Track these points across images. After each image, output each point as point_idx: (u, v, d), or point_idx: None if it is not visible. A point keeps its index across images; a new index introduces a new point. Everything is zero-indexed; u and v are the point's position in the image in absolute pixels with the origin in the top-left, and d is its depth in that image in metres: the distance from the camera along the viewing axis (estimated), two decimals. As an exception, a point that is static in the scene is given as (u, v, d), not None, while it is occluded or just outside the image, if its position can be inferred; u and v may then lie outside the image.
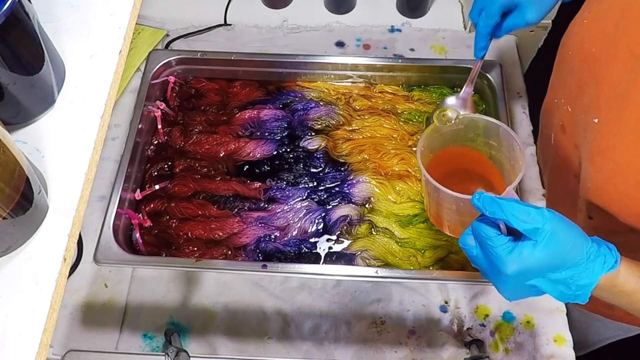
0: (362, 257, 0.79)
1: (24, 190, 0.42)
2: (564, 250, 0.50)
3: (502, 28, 0.75)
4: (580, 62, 0.69)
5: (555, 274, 0.51)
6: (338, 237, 0.81)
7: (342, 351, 0.81)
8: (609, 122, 0.62)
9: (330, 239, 0.81)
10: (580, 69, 0.69)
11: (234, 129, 0.90)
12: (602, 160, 0.63)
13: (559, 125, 0.77)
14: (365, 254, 0.79)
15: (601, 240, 0.52)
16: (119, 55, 0.54)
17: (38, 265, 0.44)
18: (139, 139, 0.86)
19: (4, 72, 0.45)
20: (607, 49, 0.63)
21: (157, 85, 0.93)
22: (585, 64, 0.67)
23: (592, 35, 0.67)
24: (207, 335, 0.82)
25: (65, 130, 0.50)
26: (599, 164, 0.64)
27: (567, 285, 0.51)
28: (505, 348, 0.80)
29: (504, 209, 0.50)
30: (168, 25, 1.12)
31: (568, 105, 0.73)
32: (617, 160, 0.61)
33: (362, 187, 0.83)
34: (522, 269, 0.50)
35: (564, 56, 0.74)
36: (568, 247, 0.50)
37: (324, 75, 0.95)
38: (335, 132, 0.90)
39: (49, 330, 0.43)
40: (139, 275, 0.86)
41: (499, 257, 0.51)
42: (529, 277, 0.51)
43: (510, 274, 0.50)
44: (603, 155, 0.63)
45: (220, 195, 0.84)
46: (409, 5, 1.12)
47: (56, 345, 0.80)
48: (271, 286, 0.85)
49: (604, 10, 0.65)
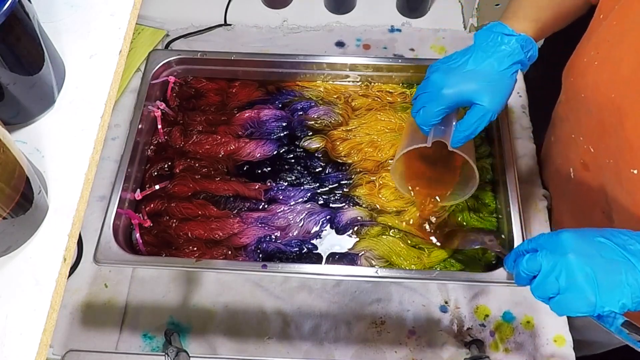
0: (366, 256, 0.79)
1: (24, 190, 0.42)
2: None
3: (465, 128, 0.68)
4: (599, 106, 0.67)
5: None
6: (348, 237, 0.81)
7: (342, 351, 0.81)
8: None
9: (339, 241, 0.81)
10: (599, 113, 0.68)
11: (234, 129, 0.90)
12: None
13: (579, 163, 0.76)
14: (369, 253, 0.79)
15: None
16: (119, 55, 0.54)
17: (38, 265, 0.44)
18: (139, 139, 0.86)
19: (4, 72, 0.45)
20: (629, 95, 0.62)
21: (157, 85, 0.93)
22: (605, 108, 0.66)
23: (607, 79, 0.65)
24: (207, 335, 0.82)
25: (65, 130, 0.50)
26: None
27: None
28: (505, 348, 0.80)
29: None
30: (168, 25, 1.12)
31: (590, 145, 0.72)
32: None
33: (351, 213, 0.83)
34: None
35: (577, 96, 0.72)
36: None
37: (323, 75, 0.95)
38: (333, 133, 0.90)
39: (49, 330, 0.43)
40: (139, 275, 0.86)
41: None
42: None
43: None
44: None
45: (220, 196, 0.84)
46: (409, 5, 1.12)
47: (56, 345, 0.80)
48: (271, 286, 0.85)
49: (616, 53, 0.64)
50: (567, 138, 0.79)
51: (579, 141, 0.75)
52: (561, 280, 0.53)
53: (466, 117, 0.68)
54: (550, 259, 0.55)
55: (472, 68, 0.67)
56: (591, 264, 0.52)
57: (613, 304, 0.52)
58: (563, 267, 0.53)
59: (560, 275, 0.53)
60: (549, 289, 0.55)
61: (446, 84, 0.67)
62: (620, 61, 0.63)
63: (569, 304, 0.54)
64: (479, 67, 0.66)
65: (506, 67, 0.66)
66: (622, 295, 0.52)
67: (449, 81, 0.67)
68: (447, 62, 0.69)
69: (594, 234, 0.55)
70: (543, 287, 0.55)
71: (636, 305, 0.52)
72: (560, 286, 0.54)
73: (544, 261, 0.55)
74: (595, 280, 0.52)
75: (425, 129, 0.71)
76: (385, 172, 0.85)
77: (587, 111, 0.70)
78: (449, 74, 0.68)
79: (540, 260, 0.55)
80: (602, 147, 0.69)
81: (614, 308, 0.52)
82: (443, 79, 0.68)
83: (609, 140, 0.67)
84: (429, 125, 0.70)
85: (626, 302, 0.52)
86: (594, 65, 0.67)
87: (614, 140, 0.66)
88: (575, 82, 0.73)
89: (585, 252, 0.53)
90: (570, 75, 0.74)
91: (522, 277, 0.58)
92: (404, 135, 0.81)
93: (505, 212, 0.78)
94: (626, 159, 0.64)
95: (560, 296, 0.54)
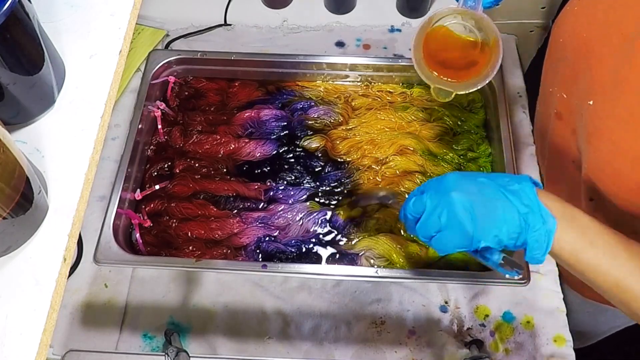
0: (366, 256, 0.79)
1: (24, 190, 0.42)
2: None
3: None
4: (573, 49, 0.69)
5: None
6: (347, 237, 0.81)
7: (342, 351, 0.81)
8: (604, 103, 0.63)
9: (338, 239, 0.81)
10: (573, 56, 0.69)
11: (234, 129, 0.90)
12: (599, 141, 0.64)
13: (554, 114, 0.77)
14: (369, 253, 0.79)
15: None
16: (119, 55, 0.54)
17: (38, 265, 0.44)
18: (139, 139, 0.86)
19: (4, 72, 0.45)
20: (598, 34, 0.64)
21: (157, 85, 0.93)
22: (578, 50, 0.68)
23: (582, 21, 0.67)
24: (207, 335, 0.82)
25: (65, 130, 0.50)
26: (595, 145, 0.65)
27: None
28: (505, 348, 0.80)
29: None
30: (168, 25, 1.12)
31: (563, 92, 0.74)
32: (614, 139, 0.61)
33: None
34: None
35: (556, 44, 0.75)
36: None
37: (323, 75, 0.95)
38: (333, 132, 0.90)
39: (49, 330, 0.43)
40: (139, 275, 0.86)
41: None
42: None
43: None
44: (599, 136, 0.64)
45: (220, 196, 0.84)
46: (409, 5, 1.12)
47: (56, 345, 0.80)
48: (271, 286, 0.85)
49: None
50: (546, 94, 0.80)
51: (555, 91, 0.76)
52: (442, 217, 0.55)
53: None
54: (434, 198, 0.56)
55: None
56: (471, 201, 0.54)
57: (489, 239, 0.53)
58: (445, 205, 0.55)
59: (442, 212, 0.55)
60: (431, 227, 0.56)
61: None
62: (595, 3, 0.65)
63: (448, 239, 0.55)
64: None
65: None
66: (499, 231, 0.53)
67: None
68: None
69: (477, 175, 0.57)
70: (426, 226, 0.56)
71: (513, 242, 0.54)
72: (442, 223, 0.55)
73: (428, 201, 0.56)
74: (474, 215, 0.53)
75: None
76: (386, 167, 0.85)
77: (563, 58, 0.72)
78: None
79: (425, 200, 0.57)
80: (573, 91, 0.70)
81: (490, 243, 0.54)
82: None
83: (579, 83, 0.68)
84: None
85: (502, 237, 0.53)
86: (574, 11, 0.69)
87: (582, 81, 0.67)
88: (558, 29, 0.74)
89: (467, 190, 0.55)
90: (555, 25, 0.76)
91: (409, 220, 0.59)
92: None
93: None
94: (587, 94, 0.66)
95: (441, 233, 0.56)
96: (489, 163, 0.86)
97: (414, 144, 0.88)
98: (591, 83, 0.65)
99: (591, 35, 0.65)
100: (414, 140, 0.88)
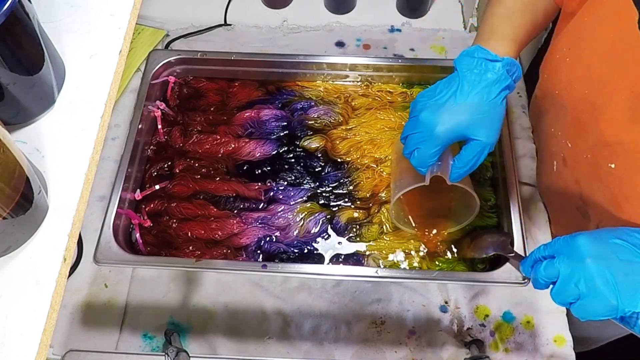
0: (374, 257, 0.79)
1: (24, 190, 0.42)
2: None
3: (464, 164, 0.66)
4: (573, 103, 0.67)
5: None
6: (348, 239, 0.81)
7: (342, 351, 0.81)
8: (630, 168, 0.61)
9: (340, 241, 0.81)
10: (574, 109, 0.67)
11: (234, 129, 0.90)
12: (629, 207, 0.63)
13: (560, 157, 0.76)
14: (377, 254, 0.79)
15: None
16: (119, 55, 0.54)
17: (38, 265, 0.44)
18: (139, 139, 0.86)
19: (4, 72, 0.45)
20: (603, 92, 0.62)
21: (157, 85, 0.93)
22: (580, 105, 0.66)
23: (579, 76, 0.65)
24: (207, 335, 0.82)
25: (65, 130, 0.50)
26: (626, 210, 0.64)
27: None
28: (505, 348, 0.80)
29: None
30: (168, 25, 1.12)
31: (567, 140, 0.72)
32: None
33: (348, 214, 0.83)
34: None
35: (552, 93, 0.72)
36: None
37: (323, 75, 0.95)
38: (333, 132, 0.90)
39: (49, 330, 0.43)
40: (139, 275, 0.86)
41: None
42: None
43: None
44: (630, 203, 0.62)
45: (220, 196, 0.84)
46: (409, 5, 1.12)
47: (56, 345, 0.80)
48: (271, 286, 0.85)
49: (587, 50, 0.63)
50: (548, 132, 0.79)
51: (558, 136, 0.74)
52: (581, 286, 0.53)
53: (463, 153, 0.65)
54: (568, 265, 0.54)
55: (462, 101, 0.63)
56: (609, 267, 0.52)
57: (635, 305, 0.51)
58: (582, 273, 0.53)
59: (579, 281, 0.53)
60: (569, 295, 0.54)
61: (438, 122, 0.63)
62: (592, 57, 0.62)
63: (591, 308, 0.53)
64: (468, 100, 0.63)
65: (495, 95, 0.63)
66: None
67: (440, 119, 0.63)
68: (433, 97, 0.65)
69: (609, 235, 0.54)
70: (563, 294, 0.55)
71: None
72: (581, 292, 0.53)
73: (561, 267, 0.54)
74: (615, 283, 0.51)
75: (423, 170, 0.68)
76: (384, 167, 0.86)
77: (562, 107, 0.70)
78: (439, 111, 0.64)
79: (558, 267, 0.55)
80: (579, 143, 0.69)
81: (635, 309, 0.51)
82: (433, 117, 0.64)
83: (586, 136, 0.67)
84: (426, 167, 0.67)
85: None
86: (566, 62, 0.67)
87: (590, 136, 0.66)
88: (549, 78, 0.72)
89: (602, 255, 0.53)
90: (545, 72, 0.74)
91: (541, 284, 0.58)
92: (394, 168, 0.79)
93: (505, 211, 0.78)
94: (604, 155, 0.64)
95: (581, 301, 0.54)
96: (488, 162, 0.86)
97: None
98: (604, 144, 0.63)
99: (593, 92, 0.63)
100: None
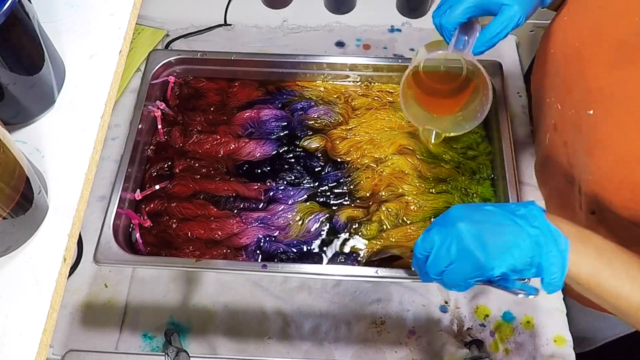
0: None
1: (24, 190, 0.42)
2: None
3: (493, 29, 0.65)
4: (565, 59, 0.69)
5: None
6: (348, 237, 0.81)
7: (342, 351, 0.81)
8: (605, 112, 0.62)
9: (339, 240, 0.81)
10: (565, 66, 0.69)
11: (234, 129, 0.90)
12: (603, 151, 0.63)
13: (551, 125, 0.77)
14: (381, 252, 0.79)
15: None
16: (119, 55, 0.54)
17: (38, 265, 0.44)
18: (139, 139, 0.86)
19: (4, 72, 0.45)
20: (590, 41, 0.63)
21: (157, 85, 0.93)
22: (569, 60, 0.67)
23: (573, 31, 0.67)
24: (207, 335, 0.82)
25: (65, 130, 0.51)
26: (599, 155, 0.64)
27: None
28: (505, 348, 0.80)
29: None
30: (168, 25, 1.12)
31: (558, 103, 0.73)
32: (619, 148, 0.60)
33: (347, 213, 0.82)
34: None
35: (545, 56, 0.74)
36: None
37: (323, 75, 0.95)
38: (333, 132, 0.90)
39: (49, 330, 0.43)
40: (139, 275, 0.86)
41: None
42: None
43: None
44: (603, 146, 0.63)
45: (220, 196, 0.84)
46: (409, 5, 1.12)
47: (56, 345, 0.80)
48: (271, 286, 0.85)
49: (582, 6, 0.66)
50: (543, 104, 0.80)
51: (552, 102, 0.75)
52: (452, 248, 0.53)
53: (494, 19, 0.64)
54: (442, 232, 0.55)
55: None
56: (480, 229, 0.53)
57: (502, 265, 0.52)
58: (453, 236, 0.54)
59: (451, 244, 0.54)
60: (442, 262, 0.55)
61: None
62: (584, 13, 0.64)
63: (461, 270, 0.54)
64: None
65: None
66: (511, 256, 0.52)
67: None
68: None
69: (483, 204, 0.56)
70: (436, 261, 0.55)
71: (527, 267, 0.52)
72: (452, 255, 0.54)
73: (436, 236, 0.55)
74: (483, 242, 0.52)
75: (450, 28, 0.65)
76: (384, 167, 0.86)
77: (556, 69, 0.71)
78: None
79: (433, 236, 0.55)
80: (567, 100, 0.70)
81: (504, 269, 0.52)
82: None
83: (573, 93, 0.68)
84: (454, 24, 0.65)
85: (515, 262, 0.52)
86: (563, 20, 0.69)
87: (576, 90, 0.67)
88: (547, 40, 0.74)
89: (473, 219, 0.54)
90: (544, 38, 0.75)
91: (420, 259, 0.58)
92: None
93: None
94: (585, 103, 0.64)
95: (452, 265, 0.54)
96: (488, 161, 0.86)
97: (413, 144, 0.88)
98: (587, 92, 0.64)
99: (583, 43, 0.64)
100: (414, 140, 0.88)
